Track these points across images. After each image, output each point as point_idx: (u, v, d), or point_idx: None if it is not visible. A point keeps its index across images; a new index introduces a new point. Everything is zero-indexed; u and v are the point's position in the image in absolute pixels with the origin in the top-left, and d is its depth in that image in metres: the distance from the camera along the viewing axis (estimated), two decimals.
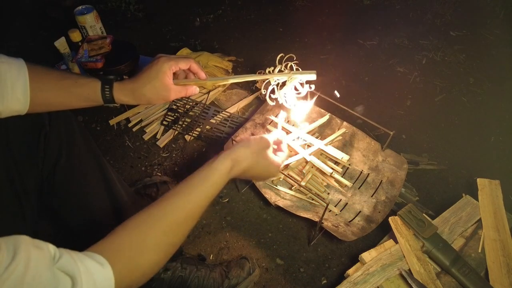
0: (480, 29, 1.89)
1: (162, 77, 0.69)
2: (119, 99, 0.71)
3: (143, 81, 0.70)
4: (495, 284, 0.85)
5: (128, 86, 0.70)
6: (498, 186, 1.02)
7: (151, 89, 0.69)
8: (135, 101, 0.72)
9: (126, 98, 0.71)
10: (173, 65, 0.70)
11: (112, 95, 0.69)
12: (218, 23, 1.94)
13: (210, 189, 0.61)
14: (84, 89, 0.69)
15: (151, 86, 0.69)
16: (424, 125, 1.45)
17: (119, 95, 0.70)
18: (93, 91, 0.69)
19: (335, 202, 1.04)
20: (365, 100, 1.54)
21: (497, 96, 1.56)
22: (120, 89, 0.70)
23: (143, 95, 0.70)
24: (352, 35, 1.86)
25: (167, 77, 0.70)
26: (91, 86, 0.69)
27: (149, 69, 0.70)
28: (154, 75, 0.69)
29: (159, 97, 0.71)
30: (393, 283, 0.87)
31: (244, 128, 1.17)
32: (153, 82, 0.69)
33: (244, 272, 0.98)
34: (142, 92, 0.70)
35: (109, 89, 0.69)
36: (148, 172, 1.28)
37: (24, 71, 0.63)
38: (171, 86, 0.72)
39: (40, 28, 1.86)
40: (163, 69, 0.69)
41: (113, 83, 0.69)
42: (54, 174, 0.74)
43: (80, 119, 1.42)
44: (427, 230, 0.90)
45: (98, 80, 0.69)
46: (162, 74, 0.69)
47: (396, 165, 1.07)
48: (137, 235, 0.51)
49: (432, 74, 1.66)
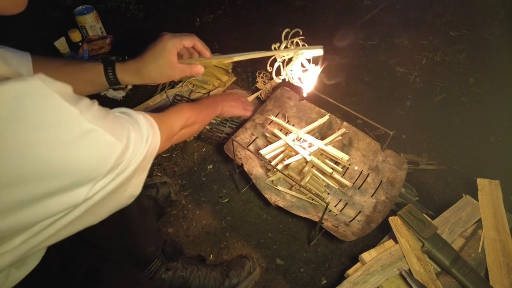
0: (480, 29, 1.89)
1: (167, 55, 0.68)
2: (124, 80, 0.70)
3: (147, 60, 0.69)
4: (495, 284, 0.84)
5: (132, 66, 0.70)
6: (498, 186, 1.02)
7: (156, 68, 0.69)
8: (140, 80, 0.71)
9: (130, 78, 0.70)
10: (177, 43, 0.69)
11: (115, 76, 0.69)
12: (218, 23, 1.94)
13: None
14: (89, 73, 0.68)
15: (155, 65, 0.68)
16: (424, 125, 1.45)
17: (123, 76, 0.69)
18: (97, 74, 0.68)
19: (335, 202, 1.04)
20: (365, 100, 1.54)
21: (497, 96, 1.56)
22: (124, 69, 0.69)
23: (148, 74, 0.69)
24: (352, 35, 1.86)
25: (171, 55, 0.69)
26: (95, 69, 0.69)
27: (153, 48, 0.69)
28: (158, 54, 0.68)
29: (163, 75, 0.71)
30: (393, 283, 0.87)
31: (244, 128, 1.17)
32: (157, 61, 0.68)
33: (245, 271, 0.98)
34: (147, 71, 0.69)
35: (111, 70, 0.68)
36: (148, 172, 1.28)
37: (28, 59, 0.63)
38: (176, 65, 0.71)
39: (40, 28, 1.86)
40: (168, 47, 0.68)
41: (115, 64, 0.69)
42: None
43: None
44: (427, 230, 0.90)
45: (101, 63, 0.69)
46: (166, 52, 0.68)
47: (396, 165, 1.07)
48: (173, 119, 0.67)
49: (432, 74, 1.66)
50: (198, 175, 1.28)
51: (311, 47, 0.81)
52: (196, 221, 1.16)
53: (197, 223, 1.15)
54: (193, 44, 0.73)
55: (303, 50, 0.81)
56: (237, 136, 1.15)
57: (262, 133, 1.18)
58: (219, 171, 1.29)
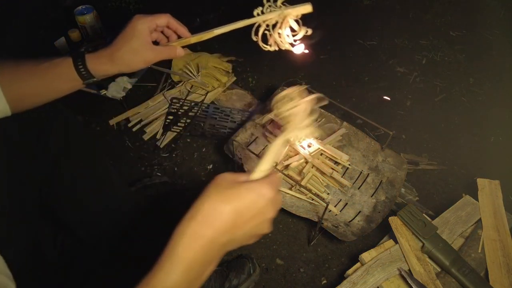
0: (480, 29, 1.88)
1: (140, 35, 0.63)
2: (97, 71, 0.63)
3: (119, 44, 0.63)
4: (495, 284, 0.84)
5: (104, 53, 0.63)
6: (498, 186, 1.02)
7: (130, 51, 0.63)
8: (114, 68, 0.64)
9: (103, 67, 0.64)
10: (150, 22, 0.64)
11: (87, 69, 0.62)
12: (218, 23, 1.93)
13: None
14: (59, 70, 0.63)
15: (128, 47, 0.62)
16: (424, 125, 1.45)
17: (95, 66, 0.63)
18: (67, 70, 0.62)
19: (335, 202, 1.04)
20: (365, 100, 1.54)
21: (497, 96, 1.56)
22: (95, 58, 0.63)
23: (122, 59, 0.63)
24: (352, 35, 1.86)
25: (145, 35, 0.64)
26: (65, 64, 0.62)
27: (124, 31, 0.63)
28: (130, 35, 0.63)
29: (139, 59, 0.64)
30: (393, 283, 0.87)
31: (244, 128, 1.17)
32: (130, 43, 0.62)
33: (245, 273, 0.98)
34: (120, 55, 0.63)
35: (82, 63, 0.62)
36: (148, 172, 1.28)
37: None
38: (151, 45, 0.65)
39: (40, 28, 1.85)
40: (139, 27, 0.63)
41: (85, 55, 0.63)
42: (53, 174, 0.74)
43: (80, 119, 1.42)
44: (427, 230, 0.90)
45: (69, 57, 0.63)
46: (138, 32, 0.63)
47: (396, 165, 1.07)
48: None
49: (432, 74, 1.66)
50: (198, 175, 1.28)
51: (298, 6, 0.71)
52: None
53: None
54: (167, 23, 0.67)
55: (289, 10, 0.70)
56: (237, 136, 1.15)
57: (262, 133, 1.18)
58: (219, 171, 1.29)
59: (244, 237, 0.42)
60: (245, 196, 0.40)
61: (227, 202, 0.39)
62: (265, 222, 0.43)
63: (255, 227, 0.42)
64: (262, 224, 0.42)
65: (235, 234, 0.40)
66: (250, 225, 0.41)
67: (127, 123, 1.41)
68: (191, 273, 0.37)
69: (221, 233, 0.38)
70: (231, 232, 0.39)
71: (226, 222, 0.38)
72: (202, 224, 0.38)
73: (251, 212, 0.40)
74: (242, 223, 0.40)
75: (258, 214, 0.41)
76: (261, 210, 0.41)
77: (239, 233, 0.40)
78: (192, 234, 0.37)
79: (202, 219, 0.38)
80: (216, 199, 0.39)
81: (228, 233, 0.39)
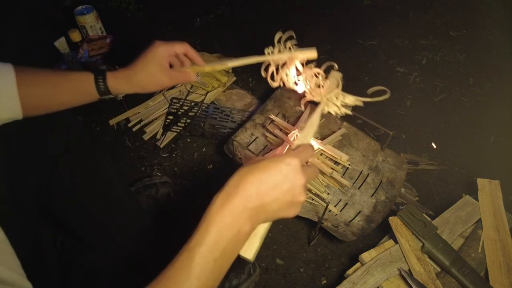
0: (480, 29, 1.88)
1: (158, 62, 0.68)
2: (115, 89, 0.69)
3: (138, 67, 0.68)
4: (495, 284, 0.84)
5: (123, 74, 0.69)
6: (498, 186, 1.02)
7: (147, 75, 0.68)
8: (131, 89, 0.70)
9: (121, 87, 0.69)
10: (169, 49, 0.69)
11: (106, 86, 0.68)
12: (218, 23, 1.94)
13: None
14: (77, 84, 0.67)
15: (146, 71, 0.68)
16: (424, 125, 1.45)
17: (114, 85, 0.68)
18: (87, 84, 0.67)
19: (335, 202, 1.04)
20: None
21: (497, 96, 1.56)
22: (115, 78, 0.68)
23: (139, 81, 0.68)
24: (352, 35, 1.86)
25: (163, 61, 0.68)
26: (84, 79, 0.67)
27: (144, 55, 0.68)
28: (150, 60, 0.67)
29: (155, 83, 0.69)
30: (393, 283, 0.87)
31: (244, 128, 1.17)
32: (148, 67, 0.67)
33: (245, 273, 0.98)
34: (138, 78, 0.68)
35: (102, 80, 0.67)
36: (148, 172, 1.28)
37: (12, 78, 0.61)
38: (167, 71, 0.70)
39: (40, 28, 1.85)
40: (158, 54, 0.68)
41: (106, 73, 0.68)
42: (52, 175, 0.74)
43: (80, 119, 1.42)
44: (427, 230, 0.90)
45: (91, 73, 0.68)
46: (157, 58, 0.68)
47: (396, 165, 1.07)
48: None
49: (432, 74, 1.66)
50: (198, 175, 1.28)
51: (304, 49, 0.80)
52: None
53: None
54: (185, 51, 0.72)
55: (297, 53, 0.80)
56: (237, 136, 1.15)
57: (262, 133, 1.18)
58: (219, 171, 1.29)
59: (276, 205, 0.44)
60: (269, 164, 0.44)
61: (252, 172, 0.44)
62: (295, 189, 0.45)
63: (285, 193, 0.44)
64: (292, 191, 0.44)
65: (263, 200, 0.43)
66: (278, 192, 0.44)
67: (127, 123, 1.41)
68: (223, 236, 0.41)
69: (246, 199, 0.42)
70: (258, 197, 0.43)
71: (250, 189, 0.42)
72: (230, 192, 0.42)
73: (276, 178, 0.44)
74: (268, 189, 0.43)
75: (284, 181, 0.44)
76: (287, 177, 0.44)
77: (267, 199, 0.43)
78: (221, 202, 0.42)
79: (229, 189, 0.43)
80: (243, 172, 0.44)
81: (254, 197, 0.42)
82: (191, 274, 0.39)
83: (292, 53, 0.79)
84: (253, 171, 0.44)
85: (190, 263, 0.39)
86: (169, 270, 0.40)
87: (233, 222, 0.42)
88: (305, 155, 0.49)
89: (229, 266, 0.43)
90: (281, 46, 0.79)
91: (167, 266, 0.40)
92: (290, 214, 0.47)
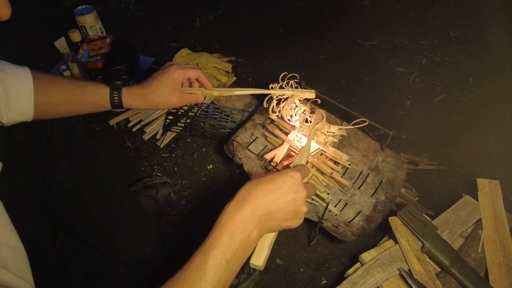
0: (480, 29, 1.88)
1: (173, 84, 0.73)
2: (128, 104, 0.73)
3: (153, 87, 0.73)
4: (495, 284, 0.84)
5: (138, 91, 0.73)
6: (498, 186, 1.02)
7: (161, 95, 0.73)
8: (143, 105, 0.75)
9: (135, 103, 0.74)
10: (184, 74, 0.74)
11: (120, 101, 0.72)
12: (218, 23, 1.94)
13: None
14: (93, 96, 0.71)
15: (161, 92, 0.73)
16: (424, 125, 1.45)
17: (128, 100, 0.73)
18: (102, 97, 0.71)
19: (335, 202, 1.04)
20: (365, 100, 1.54)
21: (497, 96, 1.56)
22: (129, 94, 0.72)
23: (152, 100, 0.73)
24: (352, 35, 1.86)
25: (177, 84, 0.74)
26: (100, 92, 0.71)
27: (160, 76, 0.73)
28: (165, 82, 0.72)
29: (167, 102, 0.75)
30: (393, 283, 0.87)
31: (244, 128, 1.17)
32: (163, 88, 0.73)
33: (245, 272, 0.98)
34: (152, 97, 0.73)
35: (117, 95, 0.71)
36: (148, 172, 1.28)
37: (30, 84, 0.64)
38: (180, 94, 0.75)
39: (40, 28, 1.86)
40: (174, 77, 0.73)
41: (122, 89, 0.72)
42: (54, 175, 0.74)
43: (80, 119, 1.42)
44: (427, 230, 0.90)
45: (106, 86, 0.71)
46: (172, 81, 0.73)
47: (396, 165, 1.07)
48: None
49: (432, 74, 1.66)
50: (198, 175, 1.28)
51: (304, 90, 0.91)
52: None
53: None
54: (198, 76, 0.77)
55: (297, 92, 0.91)
56: (237, 136, 1.15)
57: (262, 133, 1.18)
58: (219, 171, 1.29)
59: (282, 214, 0.50)
60: (275, 177, 0.51)
61: (260, 184, 0.50)
62: (298, 200, 0.51)
63: (289, 203, 0.50)
64: (295, 201, 0.51)
65: (270, 208, 0.49)
66: (283, 201, 0.50)
67: (127, 123, 1.41)
68: (235, 239, 0.45)
69: (255, 207, 0.48)
70: (265, 205, 0.48)
71: (258, 198, 0.48)
72: (241, 201, 0.48)
73: (281, 189, 0.50)
74: (274, 199, 0.49)
75: (289, 192, 0.50)
76: (291, 188, 0.51)
77: (274, 207, 0.49)
78: (233, 209, 0.47)
79: (240, 198, 0.48)
80: (252, 184, 0.50)
81: (262, 206, 0.48)
82: (206, 274, 0.42)
83: (293, 91, 0.91)
84: (260, 183, 0.50)
85: (205, 264, 0.43)
86: (184, 272, 0.43)
87: (244, 227, 0.46)
88: (304, 172, 0.56)
89: (239, 268, 0.47)
90: (284, 83, 0.94)
91: (181, 268, 0.43)
92: (294, 224, 0.53)
